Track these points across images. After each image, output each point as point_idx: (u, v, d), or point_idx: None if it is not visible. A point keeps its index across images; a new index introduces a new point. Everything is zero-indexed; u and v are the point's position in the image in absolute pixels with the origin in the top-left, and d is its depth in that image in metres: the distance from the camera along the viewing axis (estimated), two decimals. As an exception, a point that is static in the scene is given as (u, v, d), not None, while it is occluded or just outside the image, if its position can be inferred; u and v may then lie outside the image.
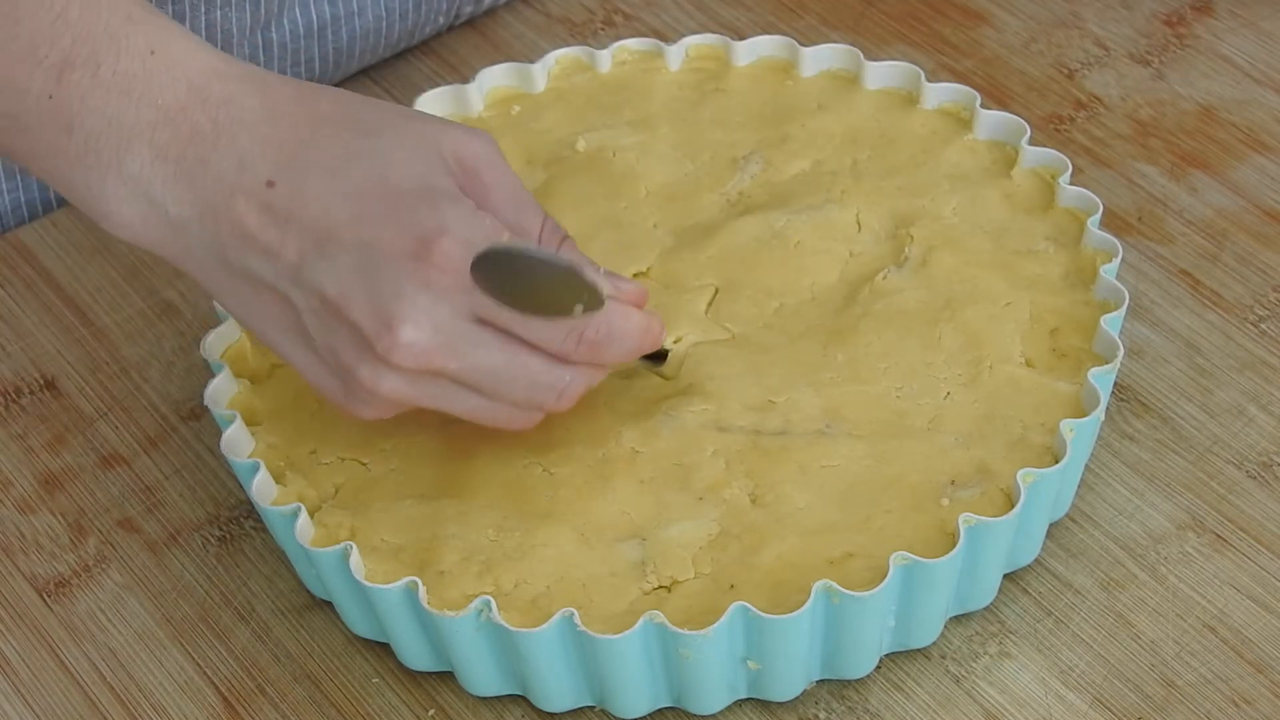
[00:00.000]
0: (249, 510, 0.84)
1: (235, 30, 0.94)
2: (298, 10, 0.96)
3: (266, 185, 0.68)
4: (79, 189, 0.70)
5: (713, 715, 0.75)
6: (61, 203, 0.98)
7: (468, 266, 0.66)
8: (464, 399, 0.70)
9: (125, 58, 0.69)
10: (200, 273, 0.71)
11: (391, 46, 1.02)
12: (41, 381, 0.90)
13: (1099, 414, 0.75)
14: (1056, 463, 0.74)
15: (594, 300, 0.67)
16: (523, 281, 0.66)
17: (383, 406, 0.71)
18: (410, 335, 0.67)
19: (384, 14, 0.99)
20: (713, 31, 1.00)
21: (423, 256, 0.66)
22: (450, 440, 0.77)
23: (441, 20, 1.03)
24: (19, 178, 0.96)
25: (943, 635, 0.77)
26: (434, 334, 0.67)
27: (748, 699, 0.75)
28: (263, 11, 0.95)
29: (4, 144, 0.71)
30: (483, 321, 0.68)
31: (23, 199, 0.97)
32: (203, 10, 0.92)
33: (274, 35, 0.96)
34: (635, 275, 0.82)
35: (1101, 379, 0.76)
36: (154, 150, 0.69)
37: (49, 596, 0.82)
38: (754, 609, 0.69)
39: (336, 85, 1.01)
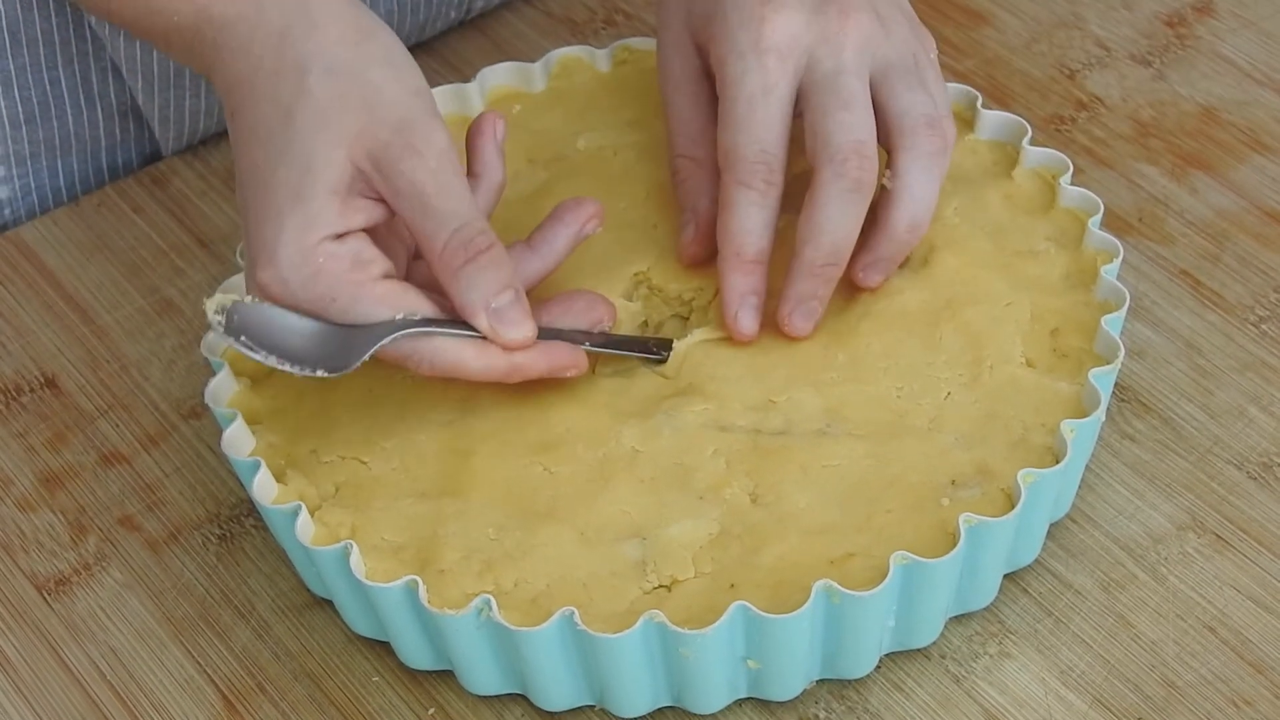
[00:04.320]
0: (249, 509, 0.84)
1: None
2: None
3: (230, 116, 0.75)
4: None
5: (713, 715, 0.75)
6: (59, 202, 0.98)
7: (282, 299, 0.71)
8: None
9: None
10: None
11: (403, 41, 1.02)
12: (42, 380, 0.90)
13: (1100, 414, 0.75)
14: (1057, 463, 0.74)
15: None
16: None
17: None
18: (267, 279, 0.72)
19: (395, 8, 0.99)
20: (714, 31, 1.00)
21: (254, 272, 0.72)
22: (451, 439, 0.77)
23: (453, 15, 1.03)
24: (15, 179, 0.96)
25: (943, 635, 0.77)
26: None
27: (748, 698, 0.76)
28: None
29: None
30: None
31: (20, 197, 0.97)
32: None
33: None
34: (635, 275, 0.82)
35: (1102, 379, 0.76)
36: (183, 54, 0.77)
37: (49, 595, 0.82)
38: (754, 608, 0.69)
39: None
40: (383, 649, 0.78)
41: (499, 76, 0.91)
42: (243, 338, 0.70)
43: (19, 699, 0.78)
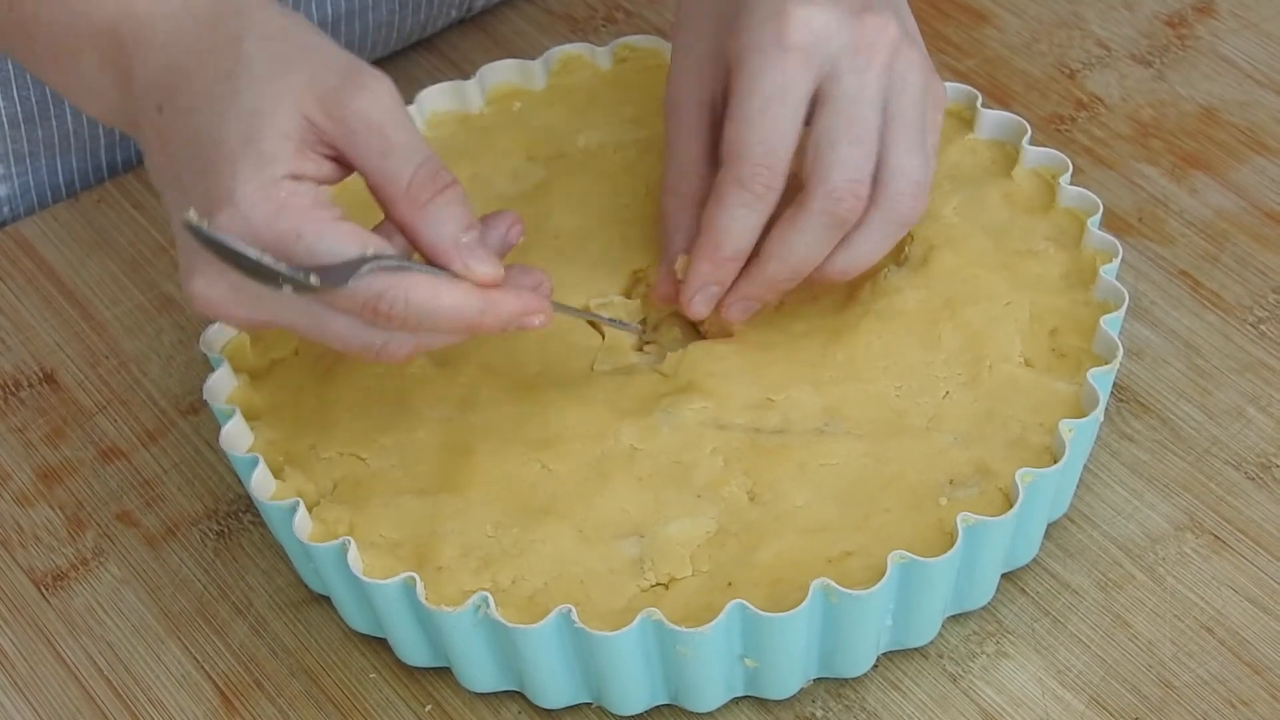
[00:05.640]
0: (247, 505, 0.84)
1: None
2: (313, 4, 0.96)
3: (157, 110, 0.71)
4: (57, 84, 0.77)
5: (710, 713, 0.75)
6: (58, 198, 0.98)
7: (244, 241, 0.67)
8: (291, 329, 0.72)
9: None
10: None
11: (403, 39, 1.02)
12: (41, 375, 0.90)
13: (1098, 414, 0.75)
14: (1055, 463, 0.74)
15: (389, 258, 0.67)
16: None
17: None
18: (200, 289, 0.69)
19: (397, 7, 0.99)
20: (714, 29, 1.00)
21: (212, 218, 0.67)
22: (449, 436, 0.77)
23: (454, 14, 1.03)
24: (15, 177, 0.96)
25: (940, 634, 0.77)
26: (227, 291, 0.69)
27: (745, 697, 0.76)
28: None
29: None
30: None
31: (19, 195, 0.97)
32: None
33: None
34: (634, 272, 0.82)
35: (1101, 379, 0.76)
36: (98, 57, 0.73)
37: (47, 590, 0.82)
38: (752, 607, 0.69)
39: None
40: (380, 645, 0.78)
41: (499, 74, 0.91)
42: (230, 238, 0.65)
43: (16, 694, 0.78)
